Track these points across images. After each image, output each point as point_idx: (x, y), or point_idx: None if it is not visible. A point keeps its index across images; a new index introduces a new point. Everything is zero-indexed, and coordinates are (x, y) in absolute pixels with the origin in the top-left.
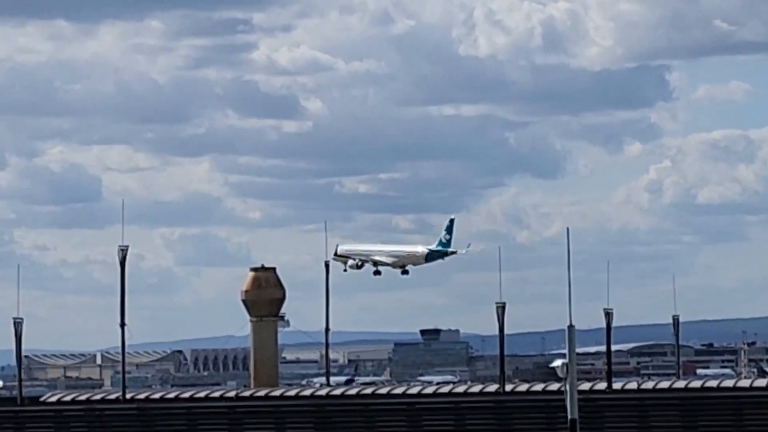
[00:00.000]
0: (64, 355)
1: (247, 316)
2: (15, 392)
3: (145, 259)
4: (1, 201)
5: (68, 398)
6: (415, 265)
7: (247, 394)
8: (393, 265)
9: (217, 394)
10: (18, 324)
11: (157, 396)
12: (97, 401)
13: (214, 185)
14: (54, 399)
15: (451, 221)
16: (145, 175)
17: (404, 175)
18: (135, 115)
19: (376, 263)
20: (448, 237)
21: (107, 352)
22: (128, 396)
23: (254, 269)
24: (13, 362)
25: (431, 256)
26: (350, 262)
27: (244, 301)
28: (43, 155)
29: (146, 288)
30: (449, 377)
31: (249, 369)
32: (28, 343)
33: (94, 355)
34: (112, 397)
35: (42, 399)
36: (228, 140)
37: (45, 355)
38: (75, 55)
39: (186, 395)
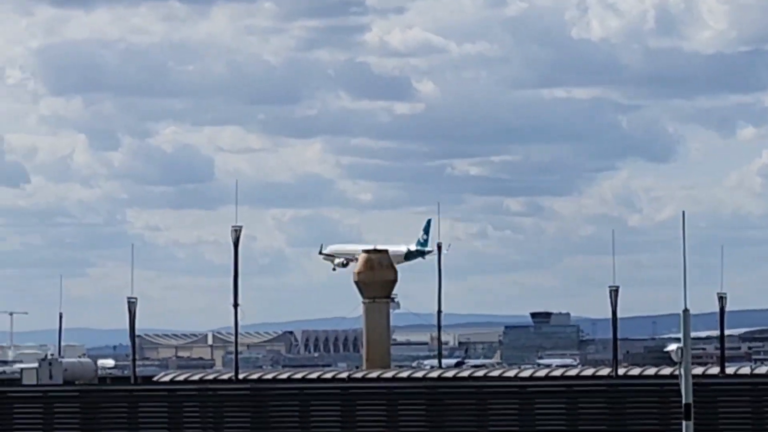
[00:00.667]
0: (175, 335)
1: (360, 298)
2: (126, 371)
3: (257, 240)
4: (114, 181)
5: (181, 378)
6: (397, 263)
7: (359, 375)
8: None
9: (329, 376)
10: (132, 304)
11: (269, 377)
12: (210, 381)
13: (325, 167)
14: (167, 379)
15: (428, 222)
16: (257, 156)
17: (516, 157)
18: (247, 96)
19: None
20: (425, 237)
21: (218, 332)
22: (241, 376)
23: (367, 251)
24: (125, 341)
25: (409, 256)
26: (336, 260)
27: (357, 283)
28: (155, 136)
29: (258, 269)
30: (568, 360)
31: (361, 350)
32: (141, 322)
33: (206, 335)
34: (225, 377)
35: (155, 378)
36: (340, 122)
37: (157, 335)
38: (188, 36)
39: (298, 376)
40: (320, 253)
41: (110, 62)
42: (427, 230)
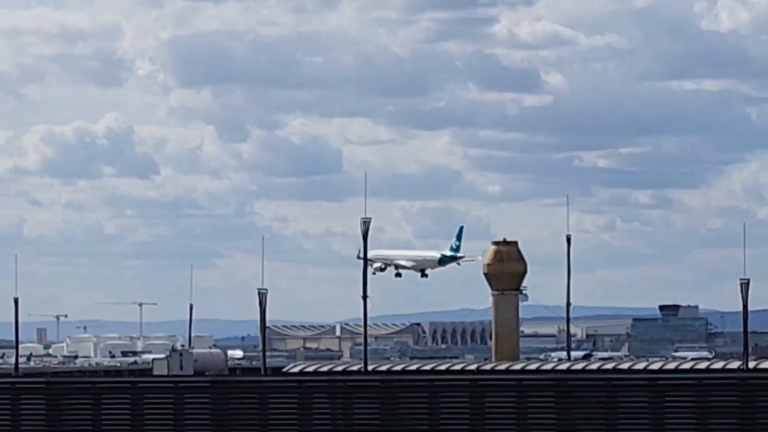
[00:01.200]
0: (303, 326)
1: (489, 290)
2: (254, 362)
3: (384, 232)
4: (243, 172)
5: (310, 369)
6: (431, 268)
7: (488, 367)
8: (412, 268)
9: (458, 367)
10: (262, 295)
11: (398, 368)
12: (339, 373)
13: (453, 158)
14: (296, 370)
15: (461, 229)
16: (385, 147)
17: (644, 150)
18: (376, 88)
19: (397, 266)
20: (457, 243)
21: (346, 324)
22: (369, 368)
23: (496, 243)
24: (253, 332)
25: (443, 261)
26: (375, 265)
27: (486, 275)
28: (284, 127)
29: None
30: (704, 353)
31: (489, 342)
32: (269, 314)
33: (334, 327)
34: (354, 368)
35: (284, 370)
36: (468, 114)
37: (285, 326)
38: (317, 28)
39: (427, 368)
40: (358, 257)
41: (239, 54)
42: (459, 237)
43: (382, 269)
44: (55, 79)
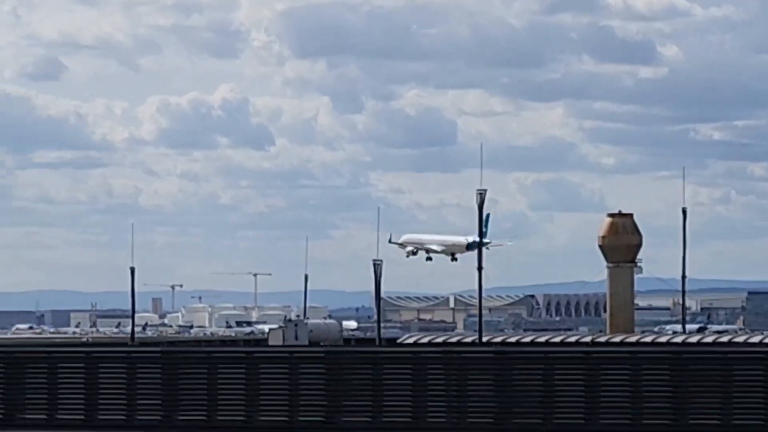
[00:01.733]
0: (417, 298)
1: (604, 262)
2: (369, 333)
3: (499, 204)
4: (358, 144)
5: (425, 340)
6: (460, 253)
7: (602, 339)
8: (443, 252)
9: (572, 339)
10: (378, 266)
11: (512, 340)
12: (453, 344)
13: (567, 130)
14: (411, 341)
15: (488, 216)
16: (499, 119)
17: (760, 122)
18: (490, 59)
19: (428, 251)
20: (484, 230)
21: (460, 295)
22: (484, 339)
23: (611, 215)
24: (367, 303)
25: (470, 246)
26: (407, 248)
27: (601, 247)
28: (399, 99)
29: (500, 232)
30: None
31: (603, 315)
32: (384, 285)
33: (447, 298)
34: (468, 340)
35: (399, 341)
36: (582, 85)
37: (399, 297)
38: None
39: (541, 340)
40: (390, 241)
41: (354, 25)
42: (486, 223)
43: (414, 253)
44: (171, 50)
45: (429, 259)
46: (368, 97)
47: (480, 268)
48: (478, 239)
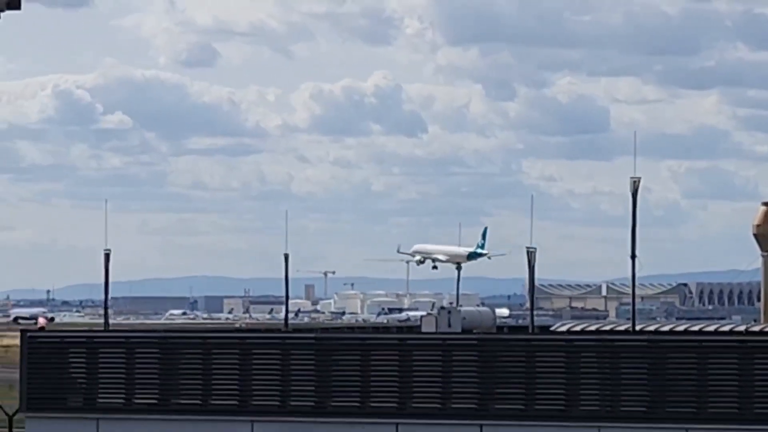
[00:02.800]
0: (569, 285)
1: (758, 251)
2: (520, 321)
3: (652, 192)
4: (510, 131)
5: (578, 328)
6: (462, 262)
7: (757, 328)
8: (447, 262)
9: (726, 329)
10: (531, 254)
11: (666, 329)
12: (606, 332)
13: (721, 118)
14: (564, 329)
15: (485, 229)
16: (653, 107)
17: None
18: (644, 46)
19: (434, 260)
20: (482, 242)
21: (612, 284)
22: (636, 328)
23: (766, 203)
24: (519, 291)
25: (471, 256)
26: (416, 258)
27: (756, 236)
28: (551, 86)
29: (653, 220)
30: None
31: (757, 304)
32: (536, 272)
33: (600, 286)
34: (621, 328)
35: (552, 328)
36: (737, 73)
37: (551, 285)
38: None
39: (695, 329)
40: (398, 251)
41: (507, 12)
42: (484, 236)
43: (421, 262)
44: (324, 37)
45: (435, 267)
46: (520, 85)
47: (633, 256)
48: (477, 251)
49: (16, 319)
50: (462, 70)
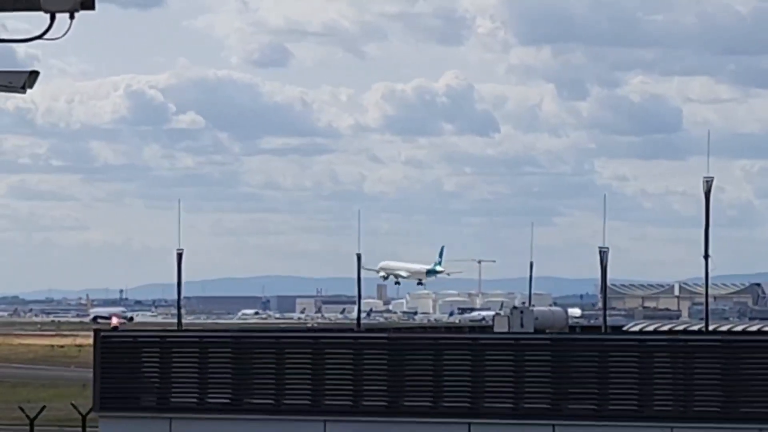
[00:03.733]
0: (642, 285)
1: None
2: (593, 321)
3: (725, 191)
4: (582, 131)
5: (650, 328)
6: (423, 278)
7: None
8: (408, 278)
9: None
10: (604, 253)
11: (739, 328)
12: (679, 332)
13: None
14: (636, 329)
15: (442, 248)
16: (726, 106)
17: None
18: (717, 46)
19: (396, 276)
20: (439, 260)
21: (685, 283)
22: (710, 328)
23: None
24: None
25: (429, 273)
26: (380, 274)
27: None
28: (624, 86)
29: (726, 220)
30: None
31: None
32: (609, 272)
33: (672, 286)
34: (695, 328)
35: (624, 328)
36: None
37: (623, 285)
38: None
39: (766, 329)
40: (364, 268)
41: (580, 12)
42: (441, 254)
43: (385, 278)
44: (396, 37)
45: (398, 283)
46: (593, 84)
47: (707, 256)
48: (434, 268)
49: (95, 318)
50: (534, 69)
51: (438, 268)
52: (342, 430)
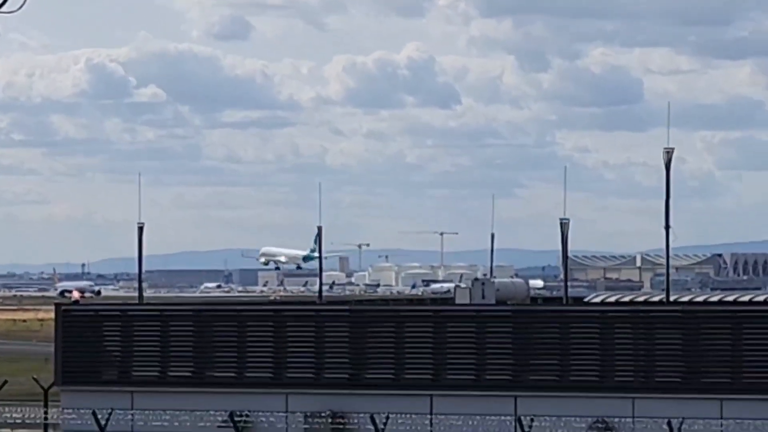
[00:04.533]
0: (604, 257)
1: None
2: (555, 292)
3: (686, 162)
4: (544, 102)
5: (612, 300)
6: (300, 264)
7: None
8: (287, 263)
9: (761, 299)
10: (564, 225)
11: (700, 299)
12: (641, 303)
13: (756, 89)
14: (598, 300)
15: (318, 232)
16: (686, 77)
17: None
18: (678, 17)
19: (276, 262)
20: (314, 246)
21: (647, 255)
22: (671, 299)
23: None
24: (553, 262)
25: (305, 258)
26: (261, 260)
27: None
28: (585, 57)
29: (688, 191)
30: None
31: None
32: (570, 243)
33: (634, 257)
34: (656, 299)
35: (585, 300)
36: None
37: (585, 256)
38: None
39: (730, 299)
40: (243, 255)
41: None
42: (316, 240)
43: (266, 264)
44: (357, 9)
45: (278, 268)
46: (554, 56)
47: (667, 227)
48: (310, 254)
49: (62, 292)
50: (495, 41)
51: (313, 254)
52: (304, 403)
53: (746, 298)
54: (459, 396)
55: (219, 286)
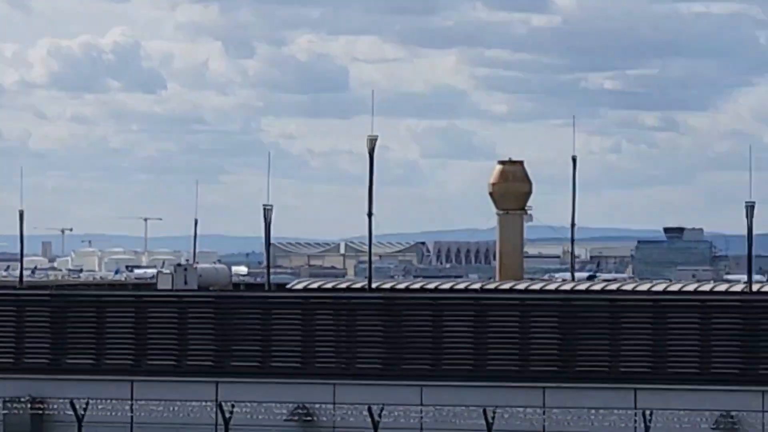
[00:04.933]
0: (308, 244)
1: (494, 209)
2: (259, 279)
3: (391, 150)
4: (249, 89)
5: (314, 286)
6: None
7: (491, 286)
8: None
9: (461, 286)
10: (267, 211)
11: (402, 286)
12: (343, 290)
13: (460, 78)
14: (300, 287)
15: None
16: (392, 66)
17: (652, 72)
18: (384, 5)
19: None
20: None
21: (351, 242)
22: (373, 286)
23: (502, 162)
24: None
25: None
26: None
27: (491, 194)
28: (291, 44)
29: (392, 179)
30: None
31: (493, 262)
32: (274, 230)
33: (338, 244)
34: (358, 286)
35: (289, 286)
36: (476, 33)
37: (290, 243)
38: None
39: (431, 286)
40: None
41: None
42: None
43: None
44: None
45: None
46: (260, 42)
47: (370, 214)
48: None
49: None
50: (202, 27)
51: None
52: (4, 388)
53: (447, 286)
54: (160, 381)
55: None
